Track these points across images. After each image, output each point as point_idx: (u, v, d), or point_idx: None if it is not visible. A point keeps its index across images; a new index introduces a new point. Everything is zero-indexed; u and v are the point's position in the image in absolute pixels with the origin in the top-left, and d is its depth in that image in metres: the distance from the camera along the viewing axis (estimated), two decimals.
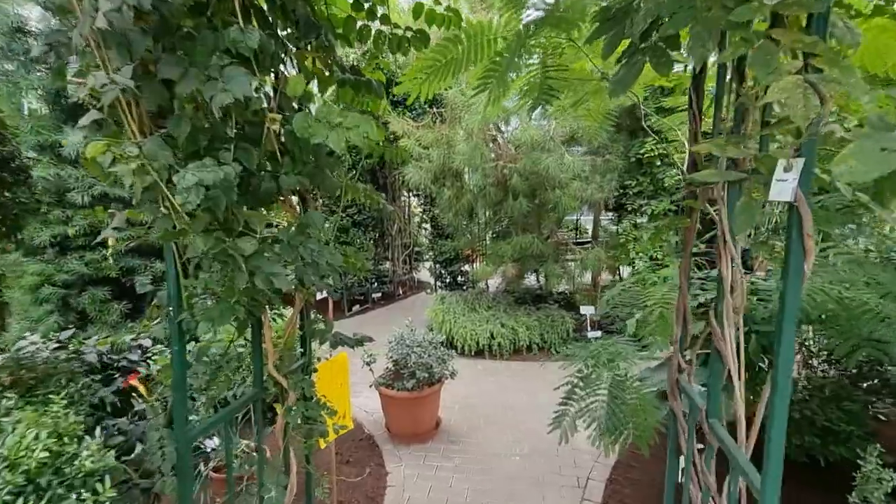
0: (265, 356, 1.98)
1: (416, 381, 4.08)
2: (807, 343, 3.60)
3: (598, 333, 7.64)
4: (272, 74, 1.63)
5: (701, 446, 1.83)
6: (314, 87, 1.76)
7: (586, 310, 7.70)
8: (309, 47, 1.71)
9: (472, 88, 2.68)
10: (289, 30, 1.62)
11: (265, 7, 1.51)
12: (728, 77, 1.57)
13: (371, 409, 4.91)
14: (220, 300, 1.51)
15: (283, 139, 1.60)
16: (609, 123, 3.61)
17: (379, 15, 1.89)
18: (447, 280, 8.36)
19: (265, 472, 1.96)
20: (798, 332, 2.87)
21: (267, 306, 1.91)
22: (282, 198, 1.82)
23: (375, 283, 11.13)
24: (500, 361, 6.55)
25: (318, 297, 3.48)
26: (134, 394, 2.87)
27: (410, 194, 11.86)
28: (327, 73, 1.83)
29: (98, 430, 2.27)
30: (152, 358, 3.26)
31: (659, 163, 6.76)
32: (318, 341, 2.24)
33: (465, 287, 8.40)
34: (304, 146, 1.60)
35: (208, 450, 2.93)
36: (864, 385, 3.43)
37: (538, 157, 5.68)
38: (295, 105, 1.71)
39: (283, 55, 1.58)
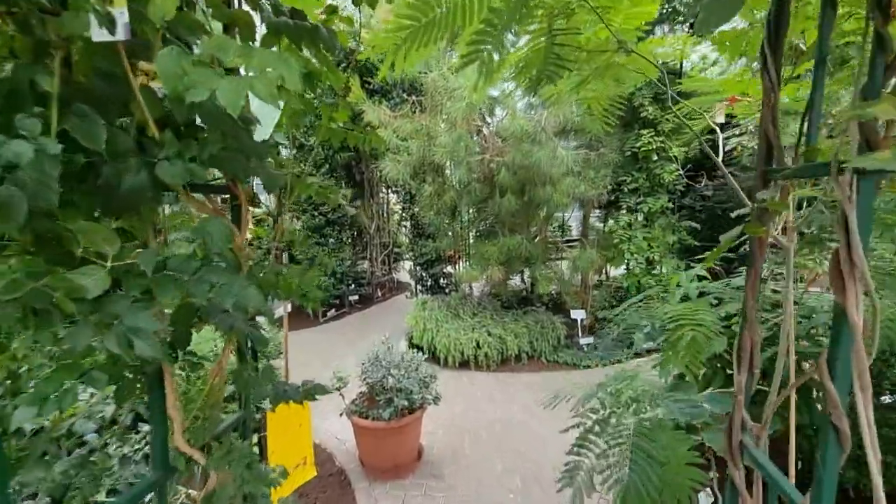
0: (170, 424, 1.39)
1: (394, 409, 3.51)
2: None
3: (591, 339, 7.20)
4: None
5: None
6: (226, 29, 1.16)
7: (577, 314, 7.23)
8: None
9: (461, 57, 2.10)
10: None
11: None
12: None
13: (344, 436, 4.32)
14: (57, 369, 0.91)
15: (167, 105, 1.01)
16: (618, 110, 3.07)
17: None
18: (428, 283, 7.78)
19: None
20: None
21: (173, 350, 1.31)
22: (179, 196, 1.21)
23: (352, 285, 10.50)
24: (488, 373, 6.02)
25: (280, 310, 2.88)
26: None
27: (389, 190, 11.24)
28: (250, 13, 1.23)
29: None
30: None
31: (656, 157, 6.31)
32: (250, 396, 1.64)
33: (447, 291, 7.84)
34: (208, 116, 1.01)
35: None
36: None
37: (529, 149, 5.14)
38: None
39: None
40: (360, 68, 7.86)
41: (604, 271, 8.38)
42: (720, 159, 2.20)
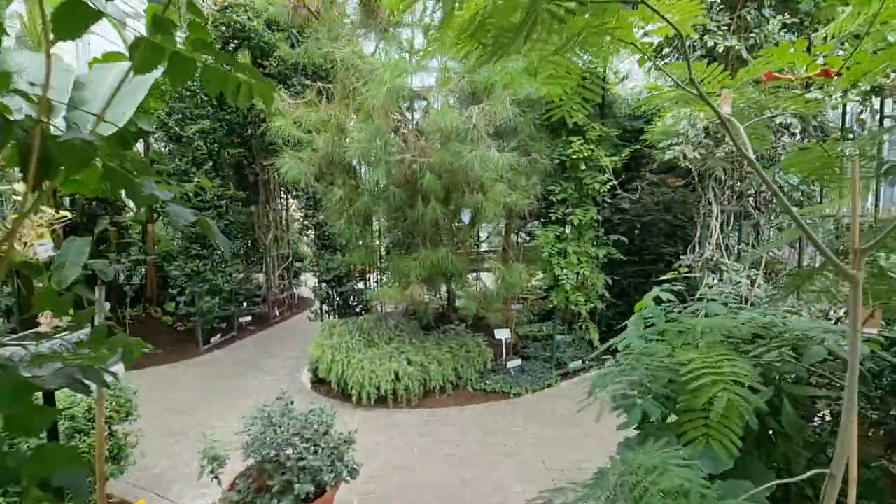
0: None
1: (295, 497, 2.50)
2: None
3: (518, 361, 6.66)
4: None
5: None
6: None
7: (501, 333, 6.65)
8: None
9: None
10: None
11: None
12: None
13: None
14: None
15: None
16: (584, 98, 2.41)
17: None
18: (336, 303, 6.70)
19: None
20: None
21: None
22: None
23: (244, 304, 9.00)
24: (409, 411, 5.14)
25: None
26: None
27: (289, 195, 9.91)
28: None
29: None
30: None
31: (584, 166, 5.95)
32: None
33: (360, 311, 6.83)
34: None
35: None
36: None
37: (459, 150, 4.41)
38: None
39: None
40: (252, 48, 6.61)
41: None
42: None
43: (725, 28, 4.33)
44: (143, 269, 8.22)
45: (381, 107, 4.38)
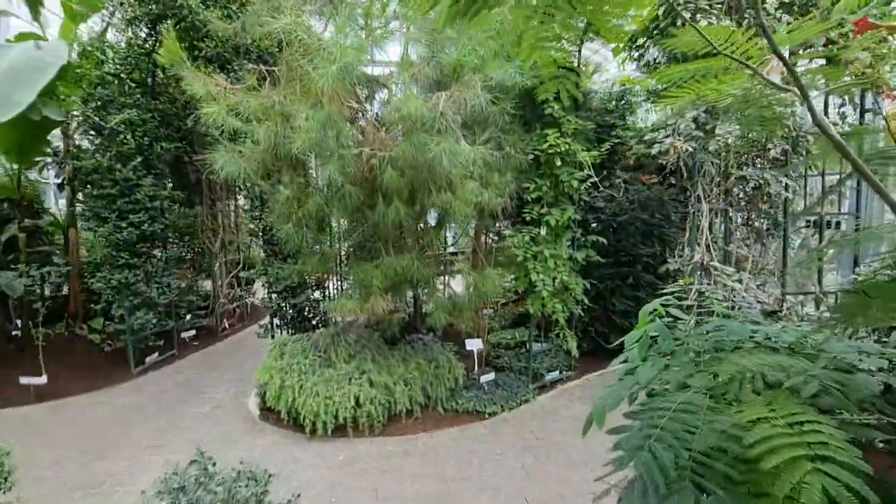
0: None
1: None
2: None
3: (492, 375, 6.13)
4: None
5: None
6: None
7: (473, 344, 6.11)
8: None
9: None
10: None
11: None
12: None
13: None
14: None
15: None
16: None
17: None
18: (289, 316, 5.97)
19: None
20: None
21: None
22: None
23: (188, 316, 8.09)
24: (372, 441, 4.51)
25: None
26: None
27: (239, 194, 9.04)
28: None
29: None
30: None
31: (559, 162, 5.48)
32: None
33: (317, 324, 6.13)
34: None
35: None
36: None
37: (424, 142, 3.83)
38: None
39: None
40: (186, 27, 5.79)
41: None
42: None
43: (719, 7, 3.94)
44: (62, 281, 7.23)
45: (332, 90, 3.73)
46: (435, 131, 3.92)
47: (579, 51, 6.15)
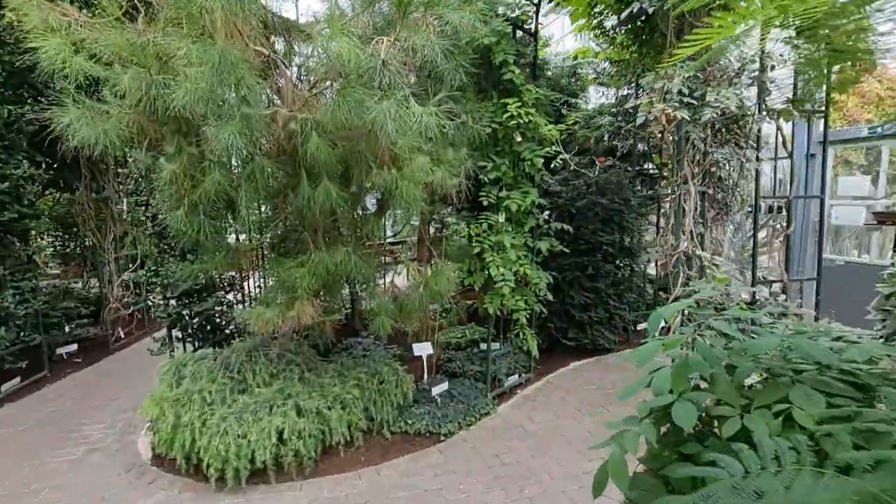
0: None
1: None
2: None
3: (445, 385, 5.30)
4: None
5: None
6: None
7: (421, 348, 5.23)
8: None
9: None
10: None
11: None
12: None
13: None
14: None
15: None
16: None
17: None
18: (193, 327, 4.76)
19: None
20: None
21: None
22: None
23: (67, 328, 6.57)
24: (301, 487, 3.54)
25: None
26: None
27: (132, 178, 7.47)
28: None
29: None
30: None
31: (519, 137, 4.72)
32: None
33: (232, 334, 4.98)
34: None
35: None
36: None
37: (362, 99, 2.88)
38: None
39: None
40: None
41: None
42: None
43: None
44: None
45: (230, 24, 2.66)
46: (376, 87, 2.97)
47: (537, 13, 5.41)
